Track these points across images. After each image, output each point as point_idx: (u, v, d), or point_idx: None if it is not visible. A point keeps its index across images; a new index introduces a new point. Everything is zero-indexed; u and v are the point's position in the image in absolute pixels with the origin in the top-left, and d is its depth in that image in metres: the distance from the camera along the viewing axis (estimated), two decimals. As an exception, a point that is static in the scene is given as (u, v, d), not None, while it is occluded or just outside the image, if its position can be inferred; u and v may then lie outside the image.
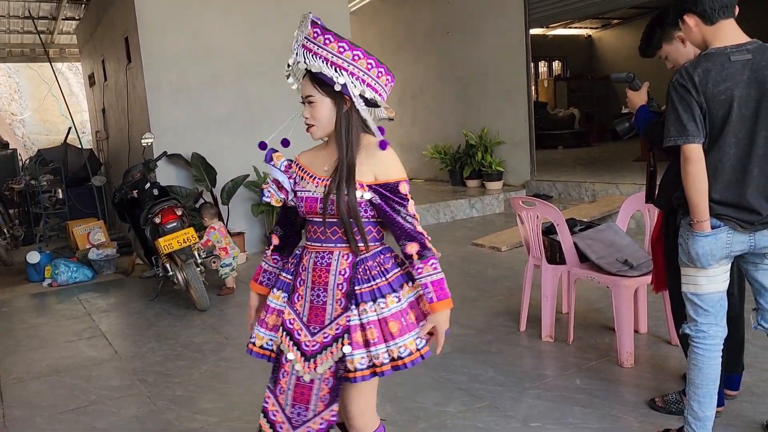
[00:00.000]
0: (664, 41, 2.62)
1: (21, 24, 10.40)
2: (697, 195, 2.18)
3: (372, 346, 1.76)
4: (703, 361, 2.34)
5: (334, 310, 1.81)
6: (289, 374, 1.85)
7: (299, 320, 1.86)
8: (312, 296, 1.84)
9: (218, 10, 6.70)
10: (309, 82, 1.79)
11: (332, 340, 1.79)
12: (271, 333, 1.93)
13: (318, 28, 1.75)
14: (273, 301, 1.93)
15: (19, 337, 4.52)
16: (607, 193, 7.32)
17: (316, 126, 1.81)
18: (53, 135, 15.16)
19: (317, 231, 1.84)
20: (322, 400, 1.83)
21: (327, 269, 1.82)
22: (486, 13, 8.76)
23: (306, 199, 1.83)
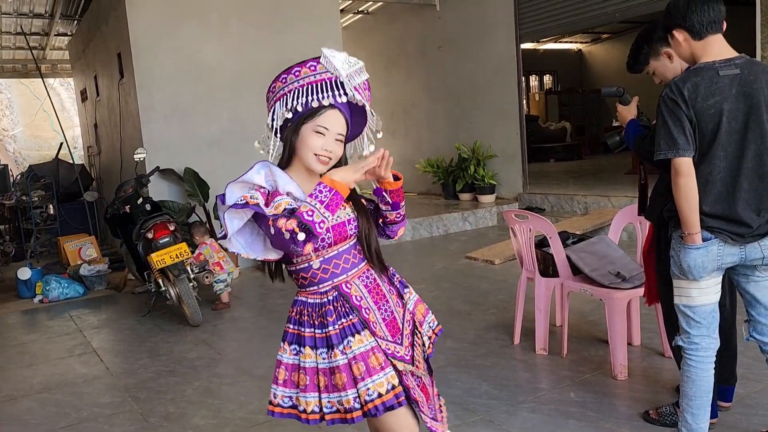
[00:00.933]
0: (652, 57, 2.66)
1: (13, 40, 10.41)
2: (688, 208, 2.20)
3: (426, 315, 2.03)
4: (697, 373, 2.35)
5: (398, 313, 1.91)
6: (414, 388, 1.83)
7: (389, 342, 1.84)
8: (382, 314, 1.86)
9: (211, 30, 6.73)
10: (343, 121, 1.79)
11: (412, 336, 1.93)
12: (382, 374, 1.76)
13: (367, 81, 1.86)
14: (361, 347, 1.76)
15: (10, 354, 4.48)
16: (599, 206, 7.36)
17: (332, 162, 1.80)
18: (45, 150, 15.13)
19: (348, 258, 1.81)
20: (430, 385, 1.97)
21: (377, 283, 1.88)
22: (477, 28, 8.84)
23: (334, 227, 1.76)
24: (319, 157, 1.76)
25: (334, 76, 1.75)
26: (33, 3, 8.62)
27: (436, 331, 2.05)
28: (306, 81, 1.76)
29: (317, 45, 7.16)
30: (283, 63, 1.86)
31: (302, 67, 1.79)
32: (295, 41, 7.08)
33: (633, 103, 2.76)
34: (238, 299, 5.49)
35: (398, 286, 1.96)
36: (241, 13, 6.89)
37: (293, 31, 7.13)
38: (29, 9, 8.84)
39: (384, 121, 2.00)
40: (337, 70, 1.75)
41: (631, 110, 2.74)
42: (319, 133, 1.75)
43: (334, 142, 1.77)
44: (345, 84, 1.75)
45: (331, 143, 1.77)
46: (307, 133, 1.76)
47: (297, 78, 1.77)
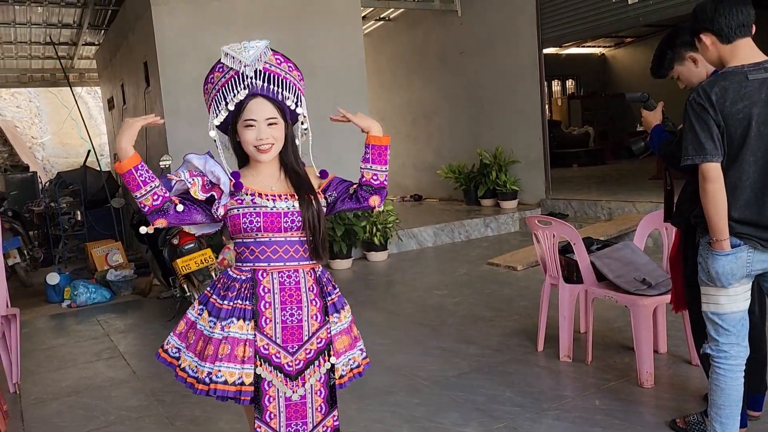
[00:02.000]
0: (676, 62, 2.63)
1: (42, 50, 10.65)
2: (717, 214, 2.17)
3: (349, 350, 1.94)
4: (725, 382, 2.32)
5: (311, 325, 1.85)
6: (275, 398, 1.82)
7: (273, 344, 1.82)
8: (284, 317, 1.82)
9: (234, 37, 6.71)
10: (269, 104, 1.82)
11: (316, 354, 1.85)
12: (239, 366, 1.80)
13: (279, 55, 1.85)
14: (236, 332, 1.80)
15: (39, 357, 4.56)
16: (624, 212, 7.28)
17: (275, 146, 1.84)
18: (72, 158, 15.42)
19: (278, 250, 1.82)
20: (318, 410, 1.87)
21: (297, 287, 1.84)
22: (499, 33, 8.83)
23: (264, 215, 1.80)
24: (258, 147, 1.82)
25: (238, 69, 1.80)
26: (62, 13, 8.81)
27: (359, 371, 1.96)
28: (220, 84, 1.84)
29: (339, 52, 7.33)
30: (305, 70, 1.91)
31: (213, 72, 1.88)
32: (317, 48, 7.14)
33: (658, 108, 2.74)
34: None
35: (330, 305, 1.90)
36: (263, 21, 6.97)
37: (315, 38, 7.19)
38: (58, 19, 9.04)
39: (405, 127, 2.03)
40: (239, 62, 1.80)
41: (656, 115, 2.72)
42: (250, 126, 1.81)
43: (267, 128, 1.81)
44: (247, 71, 1.79)
45: (264, 130, 1.81)
46: (241, 130, 1.83)
47: (213, 85, 1.87)
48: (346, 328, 1.94)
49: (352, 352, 1.94)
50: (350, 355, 1.93)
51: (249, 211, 1.80)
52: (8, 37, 9.80)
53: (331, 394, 1.88)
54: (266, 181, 1.86)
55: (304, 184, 1.86)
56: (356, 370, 1.96)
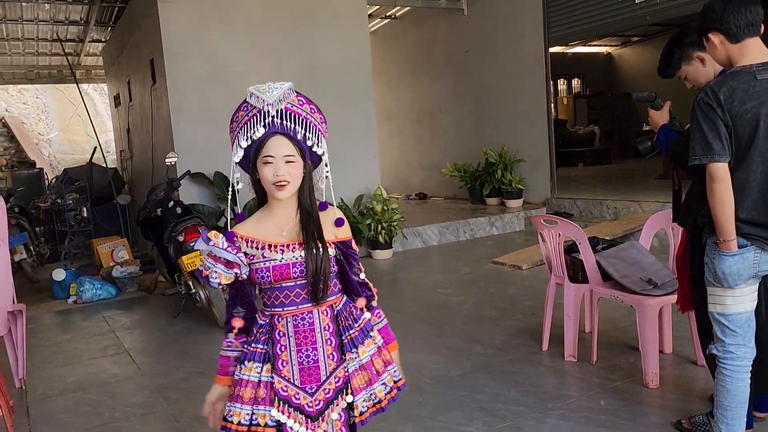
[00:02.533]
0: (683, 61, 2.62)
1: (49, 46, 10.68)
2: (724, 214, 2.16)
3: (369, 386, 1.91)
4: (732, 383, 2.31)
5: (327, 365, 1.86)
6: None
7: (292, 385, 1.84)
8: (300, 358, 1.85)
9: (240, 35, 6.83)
10: (287, 141, 1.83)
11: (335, 394, 1.86)
12: (248, 407, 1.84)
13: (302, 97, 1.89)
14: (245, 374, 1.85)
15: (45, 353, 4.58)
16: (629, 211, 7.26)
17: (292, 184, 1.83)
18: (78, 154, 15.48)
19: (289, 295, 1.85)
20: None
21: (311, 329, 1.86)
22: (505, 32, 8.81)
23: (274, 268, 1.82)
24: (275, 185, 1.82)
25: (261, 107, 1.83)
26: (69, 10, 8.84)
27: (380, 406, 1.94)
28: (243, 122, 1.86)
29: (345, 50, 7.34)
30: (311, 68, 1.92)
31: (238, 111, 1.90)
32: (322, 46, 7.14)
33: (665, 107, 2.73)
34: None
35: (346, 343, 1.90)
36: (269, 19, 6.97)
37: (321, 36, 7.19)
38: (65, 16, 9.07)
39: (411, 125, 2.03)
40: (262, 101, 1.83)
41: (663, 115, 2.71)
42: (268, 163, 1.82)
43: (284, 165, 1.81)
44: (270, 109, 1.82)
45: (281, 167, 1.81)
46: (260, 167, 1.83)
47: (238, 123, 1.89)
48: (367, 362, 1.92)
49: (372, 387, 1.92)
50: (371, 391, 1.92)
51: (260, 266, 1.84)
52: (15, 34, 9.83)
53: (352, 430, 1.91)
54: (280, 224, 1.88)
55: (312, 230, 1.86)
56: (378, 405, 1.94)
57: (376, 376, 1.93)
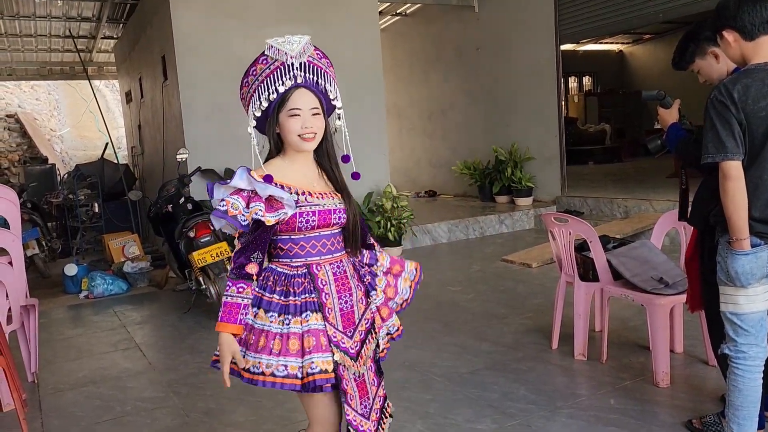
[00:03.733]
0: (697, 56, 2.60)
1: (61, 43, 10.75)
2: (737, 213, 2.15)
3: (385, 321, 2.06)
4: (744, 383, 2.30)
5: (359, 309, 1.97)
6: (348, 380, 1.90)
7: (338, 331, 1.91)
8: (341, 304, 1.93)
9: (252, 32, 6.83)
10: (311, 95, 1.88)
11: (366, 334, 1.98)
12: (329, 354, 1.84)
13: (319, 50, 1.93)
14: (315, 324, 1.84)
15: (57, 347, 4.62)
16: (640, 210, 7.22)
17: (318, 135, 1.89)
18: (90, 150, 15.58)
19: (326, 244, 1.91)
20: (372, 384, 2.00)
21: (345, 276, 1.96)
22: (516, 29, 8.77)
23: (320, 213, 1.87)
24: (303, 136, 1.86)
25: (284, 61, 1.85)
26: (81, 7, 8.89)
27: (395, 335, 2.11)
28: (264, 76, 1.87)
29: (356, 47, 7.34)
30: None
31: (256, 65, 1.91)
32: (333, 43, 7.13)
33: (675, 106, 2.71)
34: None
35: (368, 285, 2.04)
36: (280, 15, 6.98)
37: (332, 32, 7.19)
38: (78, 13, 9.13)
39: (421, 122, 2.05)
40: (284, 54, 1.84)
41: (673, 114, 2.69)
42: (295, 116, 1.86)
43: (311, 118, 1.87)
44: (294, 63, 1.84)
45: (308, 119, 1.86)
46: (285, 120, 1.87)
47: (256, 77, 1.90)
48: (385, 299, 2.08)
49: (391, 319, 2.08)
50: (389, 323, 2.07)
51: (306, 210, 1.85)
52: (28, 30, 9.91)
53: (377, 367, 2.04)
54: (307, 176, 1.92)
55: (344, 184, 1.98)
56: (394, 335, 2.10)
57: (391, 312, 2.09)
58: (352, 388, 1.90)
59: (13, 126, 15.16)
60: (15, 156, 14.39)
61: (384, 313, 2.06)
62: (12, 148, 14.71)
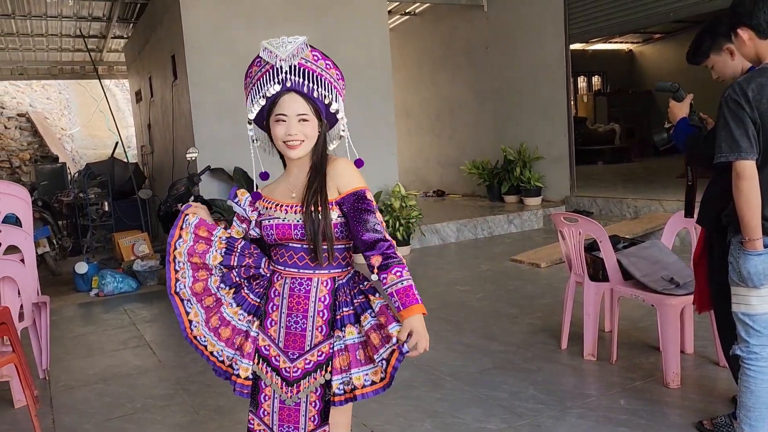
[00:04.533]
0: (713, 51, 2.58)
1: (72, 42, 10.82)
2: (750, 213, 2.13)
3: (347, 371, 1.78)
4: (756, 384, 2.28)
5: (314, 336, 1.80)
6: (271, 398, 1.85)
7: (275, 346, 1.84)
8: (288, 322, 1.82)
9: (261, 31, 6.85)
10: (301, 100, 1.78)
11: (315, 367, 1.80)
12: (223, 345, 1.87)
13: (317, 52, 1.82)
14: (232, 318, 1.87)
15: (68, 345, 4.66)
16: (650, 210, 7.19)
17: (306, 142, 1.80)
18: (100, 149, 15.67)
19: (293, 257, 1.82)
20: (311, 420, 1.84)
21: (306, 296, 1.81)
22: (525, 28, 8.75)
23: (277, 227, 1.81)
24: (287, 143, 1.79)
25: (273, 63, 1.78)
26: (92, 7, 8.95)
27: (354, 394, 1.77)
28: (255, 78, 1.82)
29: (364, 46, 7.36)
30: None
31: (252, 66, 1.86)
32: (342, 43, 7.15)
33: (686, 100, 2.68)
34: (284, 297, 5.58)
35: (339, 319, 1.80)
36: (289, 15, 7.00)
37: (340, 31, 7.20)
38: (88, 12, 9.18)
39: (430, 122, 2.02)
40: (275, 57, 1.77)
41: (684, 108, 2.67)
42: (280, 121, 1.79)
43: (297, 124, 1.78)
44: (282, 66, 1.76)
45: (293, 126, 1.78)
46: (272, 125, 1.81)
47: (251, 78, 1.85)
48: (352, 345, 1.78)
49: (350, 372, 1.78)
50: (351, 375, 1.78)
51: (266, 224, 1.85)
52: (40, 30, 9.98)
53: (325, 409, 1.82)
54: (292, 184, 1.86)
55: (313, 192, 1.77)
56: (356, 392, 1.77)
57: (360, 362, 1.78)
58: (270, 406, 1.85)
59: (25, 125, 15.27)
60: (26, 155, 14.50)
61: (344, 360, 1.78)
62: (23, 146, 14.82)
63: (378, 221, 1.76)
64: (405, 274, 1.72)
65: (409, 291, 1.70)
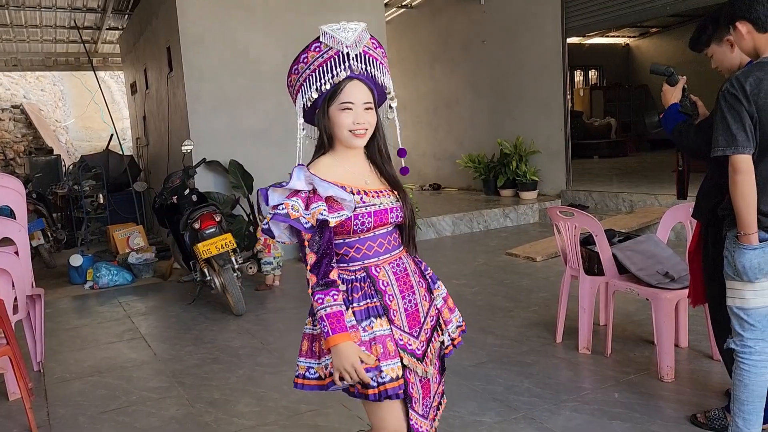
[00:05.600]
0: (714, 40, 2.56)
1: (66, 34, 10.75)
2: (746, 207, 2.14)
3: (452, 314, 2.00)
4: (749, 377, 2.29)
5: (423, 306, 1.88)
6: (414, 383, 1.82)
7: (404, 332, 1.82)
8: (405, 304, 1.83)
9: (258, 23, 6.83)
10: (366, 89, 1.76)
11: (431, 332, 1.90)
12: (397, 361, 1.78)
13: (375, 39, 1.79)
14: (380, 330, 1.78)
15: (62, 337, 4.64)
16: (645, 204, 7.20)
17: (369, 131, 1.79)
18: (95, 141, 15.61)
19: (383, 243, 1.80)
20: (434, 381, 1.93)
21: (406, 273, 1.86)
22: (522, 22, 8.73)
23: (375, 213, 1.76)
24: (354, 132, 1.76)
25: (339, 50, 1.73)
26: (86, -2, 8.89)
27: (459, 331, 2.03)
28: (316, 64, 1.75)
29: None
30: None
31: (308, 52, 1.78)
32: (339, 35, 7.11)
33: (679, 85, 2.67)
34: (281, 290, 5.57)
35: (429, 280, 1.95)
36: (286, 7, 6.96)
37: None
38: (83, 3, 9.12)
39: (426, 115, 2.01)
40: (340, 43, 1.72)
41: (676, 93, 2.66)
42: (346, 110, 1.74)
43: (364, 113, 1.76)
44: (350, 52, 1.71)
45: (361, 115, 1.75)
46: (335, 113, 1.76)
47: (307, 65, 1.78)
48: (447, 294, 2.01)
49: (454, 314, 2.02)
50: (455, 316, 2.01)
51: (361, 211, 1.74)
52: (34, 21, 9.91)
53: (441, 363, 1.97)
54: (358, 174, 1.80)
55: (399, 180, 1.87)
56: (460, 329, 2.03)
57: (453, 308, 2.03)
58: (417, 391, 1.83)
59: (19, 117, 15.19)
60: (20, 147, 14.43)
61: (450, 303, 2.01)
62: (17, 138, 14.74)
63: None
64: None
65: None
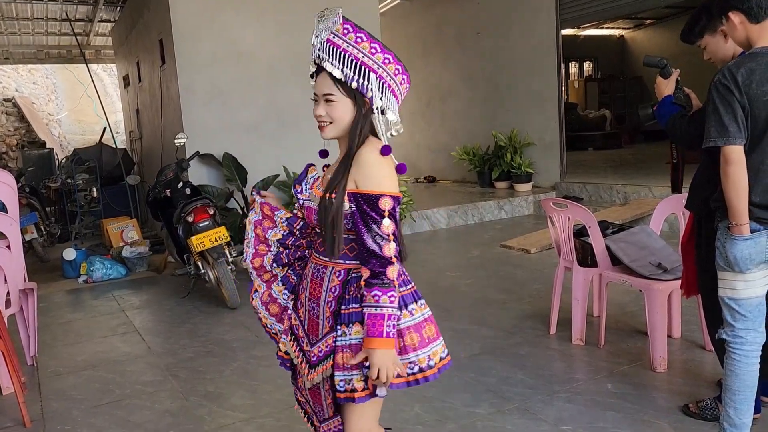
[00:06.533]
0: (707, 31, 2.55)
1: (58, 26, 10.65)
2: (737, 198, 2.14)
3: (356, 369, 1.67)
4: (741, 367, 2.30)
5: (323, 327, 1.74)
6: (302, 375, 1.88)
7: (302, 328, 1.83)
8: (309, 307, 1.79)
9: (251, 15, 6.78)
10: (329, 79, 1.65)
11: (324, 356, 1.73)
12: (273, 319, 1.96)
13: (349, 24, 1.66)
14: (278, 295, 1.94)
15: (56, 331, 4.63)
16: (639, 196, 7.22)
17: (333, 124, 1.67)
18: (88, 135, 15.52)
19: (316, 242, 1.81)
20: (330, 407, 1.81)
21: (320, 284, 1.74)
22: (517, 13, 8.71)
23: (306, 208, 1.78)
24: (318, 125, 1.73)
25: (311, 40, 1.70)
26: (78, -10, 8.80)
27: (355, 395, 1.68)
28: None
29: (356, 31, 6.89)
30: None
31: None
32: (332, 27, 7.08)
33: (672, 77, 2.66)
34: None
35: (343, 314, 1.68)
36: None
37: (331, 17, 7.12)
38: (74, -4, 9.04)
39: (420, 108, 1.98)
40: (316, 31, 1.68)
41: (670, 85, 2.65)
42: (314, 101, 1.73)
43: (323, 105, 1.68)
44: (316, 41, 1.67)
45: (320, 107, 1.69)
46: None
47: None
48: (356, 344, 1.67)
49: (357, 372, 1.67)
50: (350, 376, 1.68)
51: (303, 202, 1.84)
52: (25, 13, 9.81)
53: (335, 402, 1.76)
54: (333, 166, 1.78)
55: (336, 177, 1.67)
56: (355, 395, 1.68)
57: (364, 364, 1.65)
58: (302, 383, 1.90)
59: (11, 110, 15.08)
60: (13, 140, 14.33)
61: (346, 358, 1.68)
62: (10, 132, 14.64)
63: (382, 233, 1.59)
64: (383, 301, 1.59)
65: (378, 321, 1.59)
